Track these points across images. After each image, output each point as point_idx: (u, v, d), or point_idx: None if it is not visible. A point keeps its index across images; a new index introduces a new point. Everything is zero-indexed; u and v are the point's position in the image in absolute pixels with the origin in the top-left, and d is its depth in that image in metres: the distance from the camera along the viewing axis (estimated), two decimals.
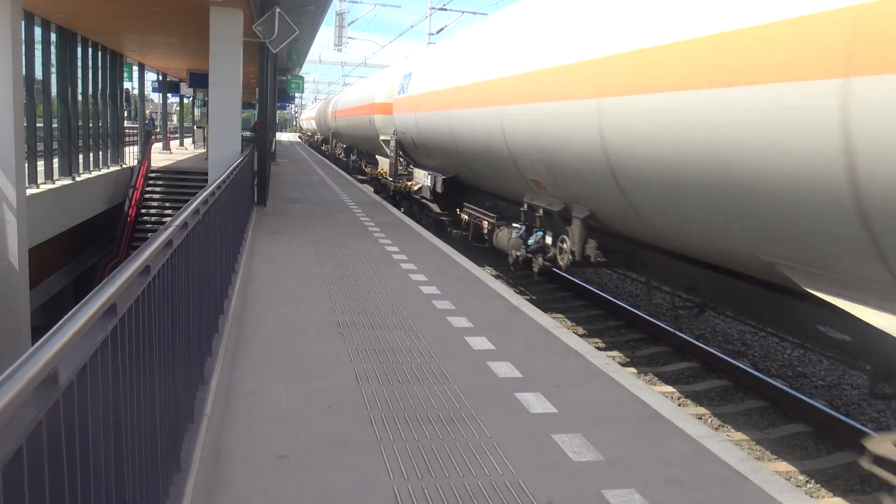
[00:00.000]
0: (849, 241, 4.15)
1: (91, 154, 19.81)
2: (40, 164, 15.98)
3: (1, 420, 1.32)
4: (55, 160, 16.82)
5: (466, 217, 12.74)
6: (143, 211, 20.30)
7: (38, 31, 16.09)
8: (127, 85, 28.05)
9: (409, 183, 17.11)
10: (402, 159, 17.58)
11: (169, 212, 20.01)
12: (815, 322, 5.24)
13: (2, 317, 11.14)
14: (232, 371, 5.16)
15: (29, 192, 13.06)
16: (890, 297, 4.10)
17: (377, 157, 24.11)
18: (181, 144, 38.80)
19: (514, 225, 10.12)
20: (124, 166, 22.33)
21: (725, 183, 4.94)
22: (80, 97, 19.01)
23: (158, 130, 29.13)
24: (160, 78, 34.62)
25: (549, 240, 8.89)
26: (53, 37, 16.89)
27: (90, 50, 20.09)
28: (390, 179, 18.71)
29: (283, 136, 72.80)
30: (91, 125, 19.96)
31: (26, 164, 13.09)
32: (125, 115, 27.03)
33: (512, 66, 9.10)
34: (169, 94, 37.43)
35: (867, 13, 3.71)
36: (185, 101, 42.62)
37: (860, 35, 3.75)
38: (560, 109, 7.41)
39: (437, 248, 10.93)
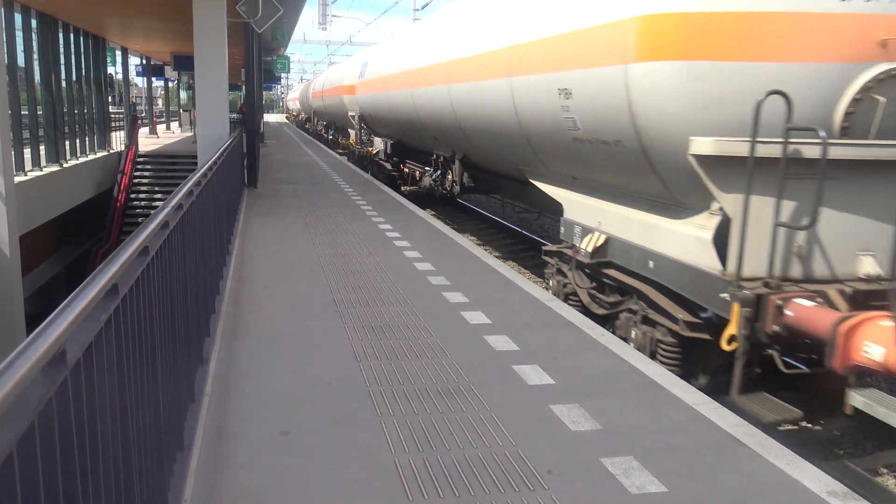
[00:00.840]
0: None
1: (77, 140, 19.63)
2: (27, 152, 15.85)
3: (12, 398, 1.33)
4: (42, 147, 16.67)
5: (407, 170, 17.71)
6: (132, 196, 20.16)
7: (18, 18, 15.88)
8: (111, 69, 27.73)
9: (370, 149, 22.10)
10: (363, 130, 22.98)
11: (159, 196, 19.89)
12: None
13: None
14: (230, 351, 5.18)
15: (17, 179, 12.95)
16: (548, 178, 9.02)
17: (348, 130, 28.55)
18: (168, 128, 38.46)
19: (426, 169, 15.57)
20: (112, 151, 22.14)
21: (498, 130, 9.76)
22: (63, 83, 18.80)
23: (144, 114, 28.84)
24: (144, 62, 34.27)
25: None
26: (34, 23, 16.65)
27: (72, 35, 19.84)
28: (356, 147, 24.14)
29: (270, 118, 72.33)
30: (76, 111, 19.77)
31: (13, 152, 12.96)
32: (110, 100, 26.73)
33: (419, 60, 13.66)
34: (153, 78, 37.06)
35: (516, 50, 8.52)
36: (171, 84, 42.18)
37: (512, 59, 8.66)
38: (432, 91, 12.43)
39: (430, 226, 10.94)
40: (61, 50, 18.72)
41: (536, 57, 7.89)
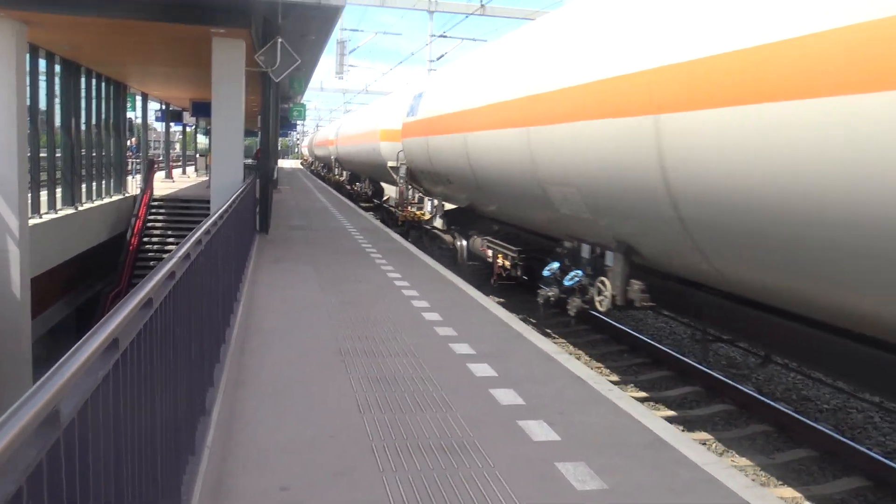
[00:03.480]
0: None
1: (94, 183, 19.91)
2: (43, 194, 16.07)
3: (0, 461, 1.32)
4: (58, 190, 16.91)
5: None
6: (145, 240, 20.33)
7: (42, 63, 16.27)
8: (130, 114, 28.24)
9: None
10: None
11: (171, 240, 20.05)
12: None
13: (3, 346, 11.13)
14: (234, 401, 5.15)
15: (31, 221, 13.12)
16: None
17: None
18: (184, 173, 38.99)
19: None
20: (127, 195, 22.42)
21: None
22: (83, 127, 19.15)
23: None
24: (163, 107, 34.89)
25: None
26: (58, 68, 17.05)
27: (94, 81, 20.27)
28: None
29: (285, 163, 73.16)
30: (94, 155, 20.09)
31: (29, 194, 13.16)
32: (129, 144, 27.20)
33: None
34: (172, 123, 37.68)
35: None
36: (188, 129, 42.87)
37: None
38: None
39: (439, 275, 10.93)
40: (83, 94, 19.12)
41: None
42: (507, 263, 10.82)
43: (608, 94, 6.61)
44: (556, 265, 8.78)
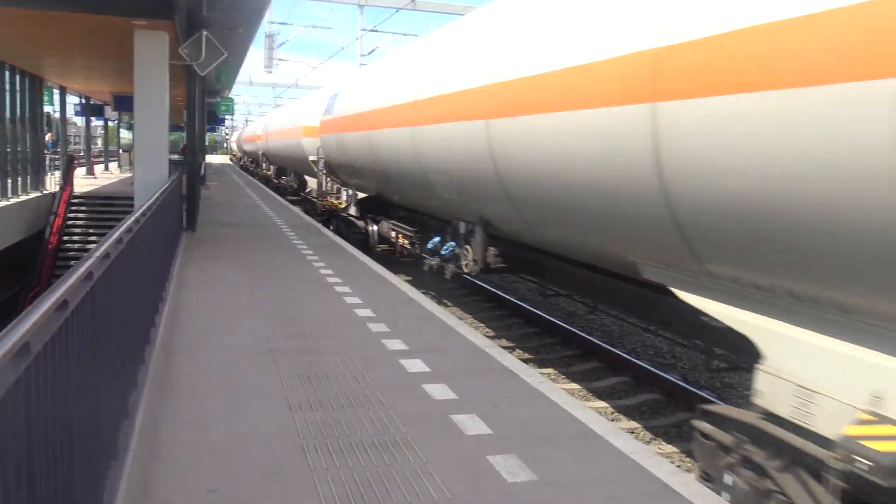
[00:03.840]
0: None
1: (10, 180, 19.08)
2: None
3: None
4: None
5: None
6: (65, 238, 19.59)
7: None
8: (48, 109, 27.15)
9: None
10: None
11: (93, 238, 19.35)
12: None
13: None
14: (159, 403, 5.01)
15: None
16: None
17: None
18: (106, 169, 37.70)
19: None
20: (45, 192, 21.56)
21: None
22: None
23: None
24: (83, 101, 33.66)
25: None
26: None
27: (6, 73, 19.41)
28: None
29: (213, 159, 71.53)
30: (9, 150, 19.24)
31: None
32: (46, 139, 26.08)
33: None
34: (93, 118, 36.39)
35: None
36: (111, 124, 41.46)
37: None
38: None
39: (372, 271, 10.88)
40: None
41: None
42: (406, 242, 12.69)
43: (455, 102, 8.56)
44: (437, 239, 10.65)
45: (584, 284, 8.07)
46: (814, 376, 3.95)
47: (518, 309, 12.06)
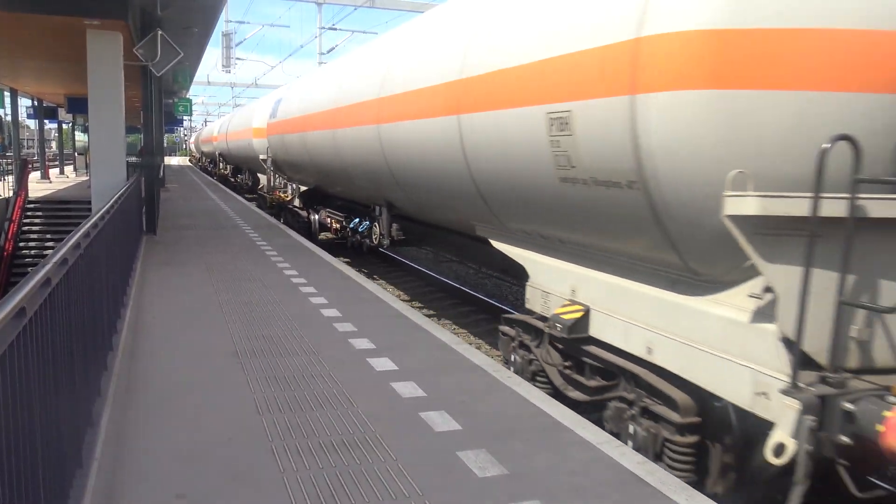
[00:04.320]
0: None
1: None
2: None
3: None
4: None
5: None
6: (21, 244, 19.13)
7: None
8: None
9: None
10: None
11: (50, 244, 18.93)
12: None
13: None
14: (124, 409, 4.93)
15: None
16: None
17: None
18: (62, 172, 36.89)
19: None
20: None
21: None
22: None
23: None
24: (35, 103, 32.90)
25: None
26: None
27: None
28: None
29: (172, 161, 70.47)
30: None
31: None
32: None
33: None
34: (46, 121, 35.60)
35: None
36: (65, 126, 40.59)
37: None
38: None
39: (337, 270, 10.83)
40: None
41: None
42: (338, 226, 14.89)
43: (356, 111, 11.02)
44: (356, 220, 13.11)
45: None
46: (547, 283, 6.54)
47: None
